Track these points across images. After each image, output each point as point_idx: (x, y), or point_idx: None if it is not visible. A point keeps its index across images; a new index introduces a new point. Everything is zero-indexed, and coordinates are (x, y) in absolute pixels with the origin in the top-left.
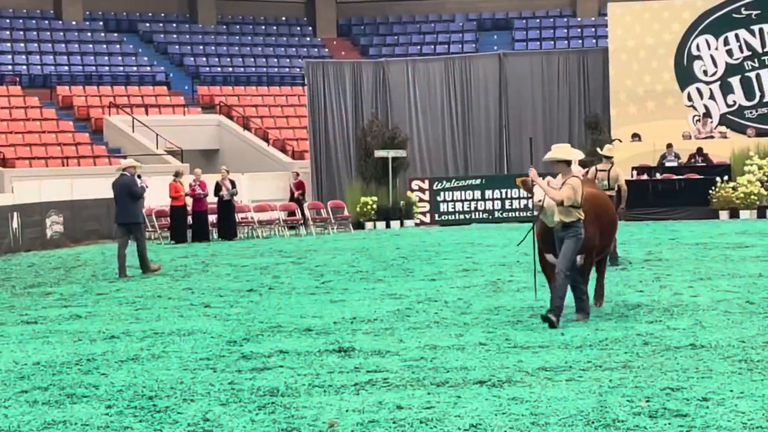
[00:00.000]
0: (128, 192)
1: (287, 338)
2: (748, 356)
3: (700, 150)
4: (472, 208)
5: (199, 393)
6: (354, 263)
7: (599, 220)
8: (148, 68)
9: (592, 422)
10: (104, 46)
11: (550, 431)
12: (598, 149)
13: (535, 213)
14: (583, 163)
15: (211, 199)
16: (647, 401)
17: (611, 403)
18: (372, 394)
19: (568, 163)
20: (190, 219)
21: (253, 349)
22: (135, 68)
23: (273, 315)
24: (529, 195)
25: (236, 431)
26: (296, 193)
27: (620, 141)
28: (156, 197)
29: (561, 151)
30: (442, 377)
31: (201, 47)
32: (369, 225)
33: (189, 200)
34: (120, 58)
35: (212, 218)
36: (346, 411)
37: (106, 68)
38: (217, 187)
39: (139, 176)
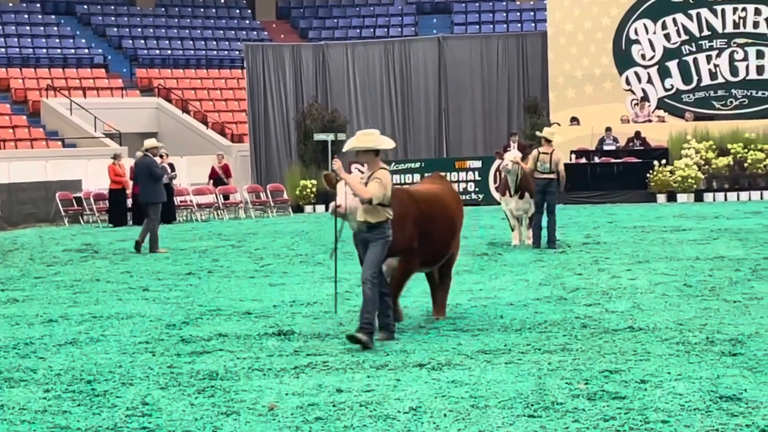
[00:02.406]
0: (149, 172)
1: (227, 321)
2: (685, 339)
3: (638, 134)
4: None
5: (137, 377)
6: (293, 247)
7: (424, 219)
8: (86, 50)
9: (532, 405)
10: (41, 28)
11: (489, 414)
12: (538, 132)
13: (336, 218)
14: (521, 147)
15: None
16: (586, 384)
17: (550, 385)
18: (312, 377)
19: (377, 153)
20: (129, 202)
21: (192, 333)
22: (73, 50)
23: (212, 298)
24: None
25: (175, 415)
26: (228, 179)
27: (559, 125)
28: (94, 180)
29: (368, 138)
30: (382, 360)
31: (139, 30)
32: (308, 208)
33: (130, 183)
34: (58, 40)
35: None
36: (286, 394)
37: (44, 50)
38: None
39: (160, 156)
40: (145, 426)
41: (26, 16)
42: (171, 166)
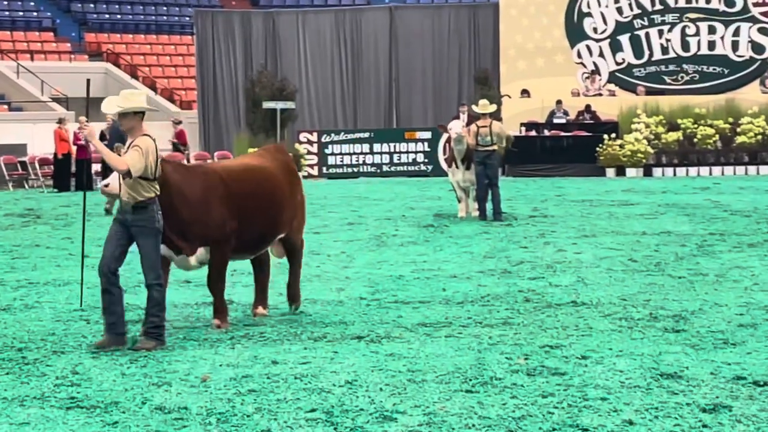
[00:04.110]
0: (119, 136)
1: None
2: (628, 314)
3: (588, 107)
4: (360, 162)
5: (70, 345)
6: None
7: (236, 198)
8: (35, 13)
9: (470, 380)
10: None
11: (426, 388)
12: (474, 107)
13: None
14: (472, 118)
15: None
16: (526, 359)
17: (489, 360)
18: (247, 348)
19: (143, 117)
20: (73, 167)
21: (129, 301)
22: (21, 13)
23: None
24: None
25: (105, 385)
26: (182, 146)
27: (509, 97)
28: (40, 145)
29: (138, 99)
30: (320, 332)
31: None
32: None
33: (74, 148)
34: (5, 2)
35: (96, 167)
36: (220, 365)
37: None
38: (102, 136)
39: None
40: (73, 396)
41: None
42: None
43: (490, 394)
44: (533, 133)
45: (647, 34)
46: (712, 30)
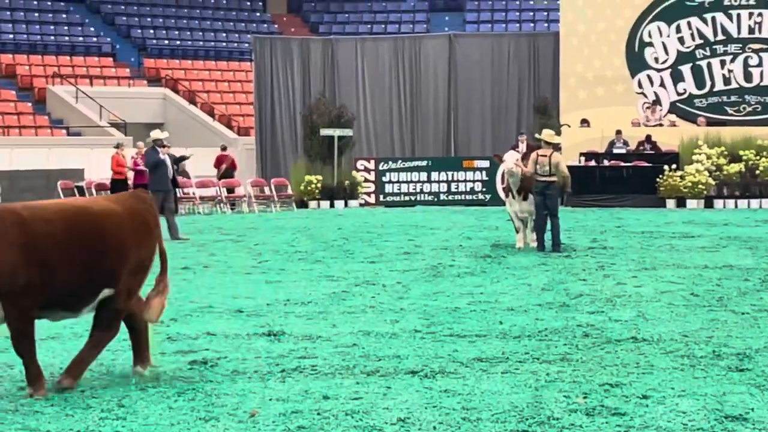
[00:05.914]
0: (155, 162)
1: (217, 319)
2: (690, 351)
3: (648, 137)
4: (418, 190)
5: (117, 376)
6: (294, 243)
7: (39, 244)
8: (95, 39)
9: (526, 419)
10: (50, 14)
11: (481, 427)
12: (537, 135)
13: None
14: (530, 148)
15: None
16: (585, 398)
17: (547, 398)
18: (298, 381)
19: None
20: None
21: (179, 331)
22: (81, 38)
23: (205, 294)
24: None
25: (151, 419)
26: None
27: (569, 126)
28: (97, 170)
29: None
30: (373, 366)
31: (149, 19)
32: (313, 204)
33: (130, 173)
34: (66, 27)
35: None
36: (270, 400)
37: (52, 37)
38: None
39: (162, 146)
40: (118, 430)
41: (35, 2)
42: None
43: None
44: (593, 163)
45: (709, 65)
46: None
